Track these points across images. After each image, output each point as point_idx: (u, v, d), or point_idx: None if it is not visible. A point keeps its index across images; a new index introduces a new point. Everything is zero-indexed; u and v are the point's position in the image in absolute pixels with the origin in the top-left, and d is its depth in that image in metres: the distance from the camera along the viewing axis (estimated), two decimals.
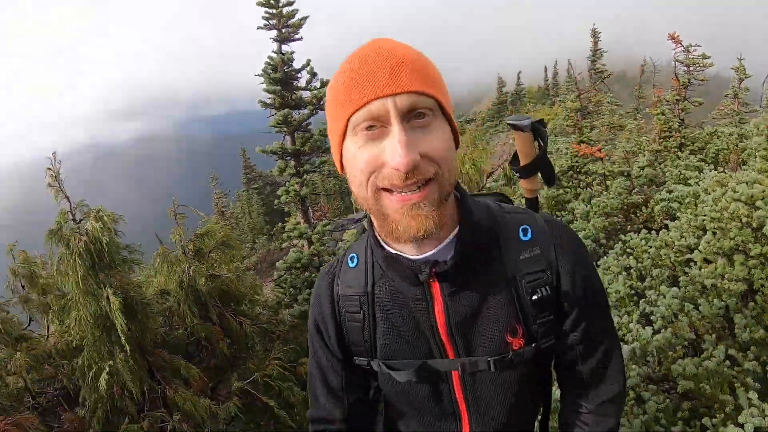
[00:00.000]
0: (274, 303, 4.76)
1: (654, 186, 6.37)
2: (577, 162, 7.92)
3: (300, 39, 7.61)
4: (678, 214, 4.34)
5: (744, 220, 2.62)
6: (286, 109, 6.72)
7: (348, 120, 0.80)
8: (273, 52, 7.04)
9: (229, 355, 3.55)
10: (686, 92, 7.38)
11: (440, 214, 0.84)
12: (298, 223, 7.31)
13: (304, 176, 7.19)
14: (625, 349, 2.47)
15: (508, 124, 1.25)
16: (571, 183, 8.09)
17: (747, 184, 2.77)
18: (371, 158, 0.79)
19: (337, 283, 1.04)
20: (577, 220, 6.67)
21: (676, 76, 7.42)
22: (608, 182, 7.18)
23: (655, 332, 2.59)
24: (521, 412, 1.10)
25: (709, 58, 7.52)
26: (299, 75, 7.18)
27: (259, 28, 6.95)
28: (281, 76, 6.87)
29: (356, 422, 1.11)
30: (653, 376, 2.33)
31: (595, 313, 1.02)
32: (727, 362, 2.09)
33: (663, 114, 7.72)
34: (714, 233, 2.84)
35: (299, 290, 4.90)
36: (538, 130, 1.17)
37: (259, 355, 3.69)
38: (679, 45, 7.45)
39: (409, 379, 1.01)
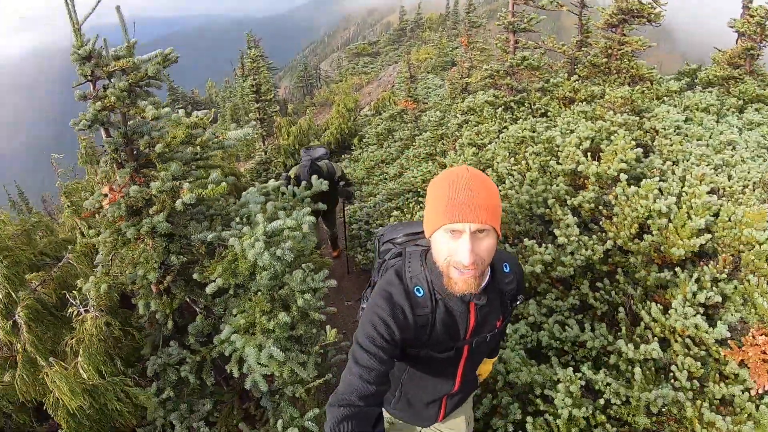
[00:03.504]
0: None
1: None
2: (403, 110, 13.55)
3: None
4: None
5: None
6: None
7: (442, 225, 1.32)
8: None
9: None
10: (469, 72, 12.73)
11: (479, 280, 1.40)
12: None
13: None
14: None
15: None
16: (397, 122, 13.81)
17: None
18: (450, 250, 1.34)
19: (413, 306, 1.50)
20: (396, 142, 12.41)
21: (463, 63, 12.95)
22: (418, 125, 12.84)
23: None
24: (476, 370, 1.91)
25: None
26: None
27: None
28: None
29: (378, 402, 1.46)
30: None
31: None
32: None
33: (452, 83, 13.43)
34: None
35: None
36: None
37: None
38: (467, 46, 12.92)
39: (448, 356, 1.63)
